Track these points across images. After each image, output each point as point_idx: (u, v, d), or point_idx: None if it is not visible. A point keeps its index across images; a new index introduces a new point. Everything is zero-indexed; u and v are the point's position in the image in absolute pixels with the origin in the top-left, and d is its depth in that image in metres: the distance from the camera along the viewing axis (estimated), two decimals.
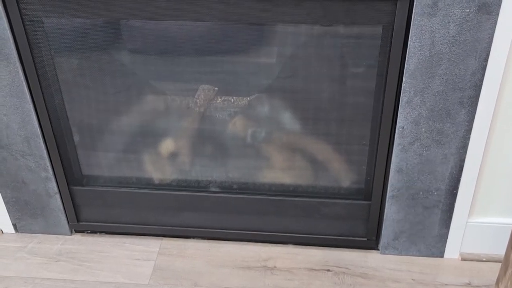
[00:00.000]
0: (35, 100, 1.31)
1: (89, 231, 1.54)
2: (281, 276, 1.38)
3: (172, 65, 1.36)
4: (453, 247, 1.41)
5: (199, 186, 1.47)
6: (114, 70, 1.36)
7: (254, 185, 1.45)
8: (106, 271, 1.41)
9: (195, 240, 1.51)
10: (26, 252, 1.48)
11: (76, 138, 1.41)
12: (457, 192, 1.31)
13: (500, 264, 1.32)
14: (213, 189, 1.46)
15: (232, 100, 1.40)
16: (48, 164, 1.40)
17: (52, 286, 1.37)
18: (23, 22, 1.21)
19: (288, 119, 1.37)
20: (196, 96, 1.39)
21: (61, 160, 1.41)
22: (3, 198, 1.48)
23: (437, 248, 1.41)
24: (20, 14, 1.19)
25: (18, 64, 1.25)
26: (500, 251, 1.38)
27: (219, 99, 1.39)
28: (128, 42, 1.34)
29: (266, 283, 1.36)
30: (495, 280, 1.33)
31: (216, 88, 1.38)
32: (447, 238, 1.39)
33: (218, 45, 1.31)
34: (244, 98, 1.39)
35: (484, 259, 1.41)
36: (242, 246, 1.48)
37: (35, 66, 1.27)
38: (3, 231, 1.55)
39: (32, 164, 1.39)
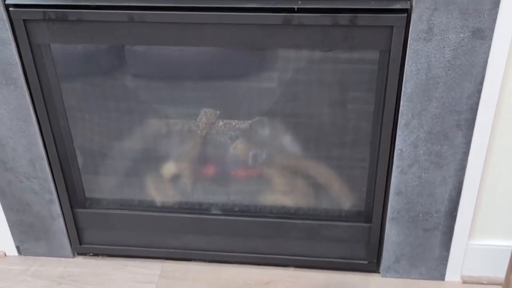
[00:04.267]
0: (41, 123, 1.33)
1: (91, 254, 1.55)
2: None
3: (175, 89, 1.39)
4: (454, 270, 1.40)
5: (200, 209, 1.48)
6: (118, 94, 1.39)
7: (256, 208, 1.46)
8: None
9: (197, 262, 1.51)
10: (29, 275, 1.49)
11: (80, 161, 1.43)
12: (456, 214, 1.31)
13: (501, 287, 1.32)
14: (215, 212, 1.47)
15: (234, 123, 1.42)
16: (52, 186, 1.41)
17: None
18: (31, 48, 1.23)
19: (288, 142, 1.39)
20: (198, 120, 1.41)
21: (65, 183, 1.42)
22: (7, 220, 1.48)
23: (438, 271, 1.41)
24: (29, 40, 1.22)
25: (25, 88, 1.27)
26: (501, 273, 1.36)
27: (221, 123, 1.42)
28: (131, 67, 1.37)
29: None
30: None
31: (217, 112, 1.40)
32: (447, 260, 1.39)
33: (220, 70, 1.34)
34: (245, 122, 1.42)
35: (485, 282, 1.41)
36: (244, 269, 1.48)
37: (41, 90, 1.29)
38: (6, 254, 1.55)
39: (36, 187, 1.41)
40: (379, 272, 1.46)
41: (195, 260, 1.52)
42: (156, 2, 1.14)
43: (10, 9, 1.18)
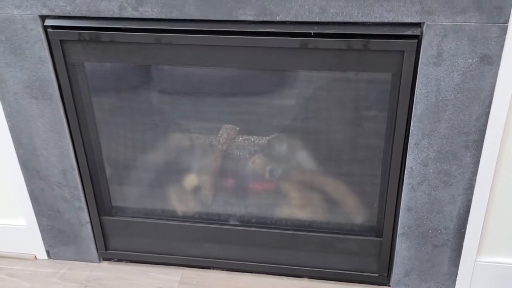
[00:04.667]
0: (73, 136, 1.37)
1: (116, 259, 1.57)
2: None
3: (198, 105, 1.41)
4: (463, 286, 1.40)
5: (219, 219, 1.49)
6: (144, 109, 1.42)
7: (272, 220, 1.48)
8: None
9: (214, 270, 1.53)
10: (58, 278, 1.52)
11: (108, 171, 1.46)
12: (465, 231, 1.32)
13: None
14: (233, 222, 1.48)
15: (253, 139, 1.44)
16: (82, 195, 1.44)
17: None
18: (66, 66, 1.27)
19: (304, 158, 1.41)
20: (219, 135, 1.44)
21: (93, 192, 1.45)
22: (39, 225, 1.52)
23: (447, 286, 1.41)
24: (64, 59, 1.26)
25: (59, 103, 1.31)
26: None
27: (240, 138, 1.44)
28: (158, 83, 1.40)
29: None
30: None
31: (237, 128, 1.43)
32: (456, 276, 1.39)
33: (241, 88, 1.37)
34: (264, 138, 1.44)
35: None
36: (259, 278, 1.49)
37: (74, 105, 1.33)
38: (37, 257, 1.58)
39: (67, 195, 1.44)
40: (389, 285, 1.46)
41: (213, 268, 1.53)
42: (182, 26, 1.18)
43: (48, 30, 1.23)
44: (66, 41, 1.25)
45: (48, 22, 1.22)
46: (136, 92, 1.40)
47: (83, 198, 1.45)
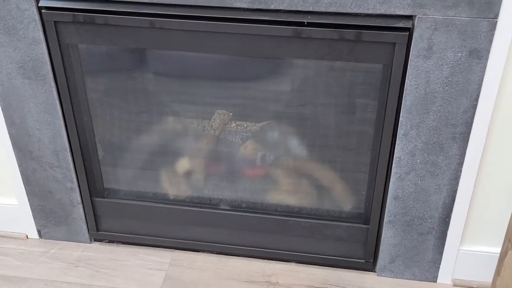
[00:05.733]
0: (65, 117, 1.36)
1: (107, 240, 1.58)
2: None
3: (192, 89, 1.41)
4: (446, 273, 1.42)
5: (210, 203, 1.50)
6: (138, 92, 1.42)
7: (262, 205, 1.49)
8: (120, 278, 1.46)
9: (204, 254, 1.54)
10: (48, 257, 1.53)
11: (100, 153, 1.46)
12: (449, 220, 1.33)
13: None
14: (223, 207, 1.49)
15: (245, 125, 1.45)
16: (74, 176, 1.45)
17: None
18: (60, 47, 1.27)
19: (295, 145, 1.41)
20: (212, 120, 1.44)
21: (85, 173, 1.45)
22: (31, 205, 1.52)
23: (430, 273, 1.43)
24: (58, 40, 1.26)
25: (53, 84, 1.31)
26: (490, 278, 1.38)
27: (233, 124, 1.44)
28: (152, 66, 1.39)
29: None
30: None
31: (231, 113, 1.43)
32: (440, 264, 1.41)
33: (235, 73, 1.37)
34: (256, 124, 1.44)
35: (474, 286, 1.43)
36: (248, 262, 1.51)
37: (68, 86, 1.32)
38: (28, 236, 1.59)
39: (59, 176, 1.45)
40: (374, 271, 1.48)
41: (202, 251, 1.54)
42: (176, 11, 1.17)
43: (43, 11, 1.22)
44: (60, 22, 1.24)
45: (43, 3, 1.21)
46: (130, 75, 1.40)
47: (75, 179, 1.46)
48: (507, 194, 1.29)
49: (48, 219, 1.55)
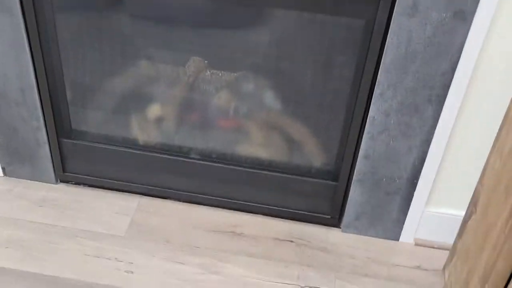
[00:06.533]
0: (33, 54, 1.31)
1: (73, 182, 1.56)
2: (247, 242, 1.43)
3: (168, 34, 1.36)
4: (409, 233, 1.44)
5: (180, 152, 1.48)
6: (112, 32, 1.36)
7: (232, 156, 1.48)
8: (85, 220, 1.45)
9: (171, 201, 1.53)
10: (12, 195, 1.51)
11: (69, 93, 1.42)
12: (417, 182, 1.34)
13: (448, 251, 1.37)
14: (193, 156, 1.48)
15: (220, 74, 1.41)
16: (40, 115, 1.41)
17: (34, 229, 1.41)
18: None
19: (269, 98, 1.39)
20: (186, 66, 1.40)
21: (53, 113, 1.41)
22: None
23: (393, 232, 1.45)
24: None
25: (20, 17, 1.25)
26: (451, 240, 1.39)
27: (208, 72, 1.40)
28: (128, 7, 1.33)
29: (232, 247, 1.41)
30: (443, 266, 1.39)
31: (206, 61, 1.39)
32: (404, 223, 1.42)
33: (213, 20, 1.31)
34: (232, 74, 1.41)
35: (436, 246, 1.45)
36: (215, 211, 1.51)
37: (36, 22, 1.26)
38: None
39: (25, 114, 1.41)
40: (339, 227, 1.49)
41: (170, 198, 1.53)
42: None
43: None
44: None
45: None
46: (104, 13, 1.33)
47: (41, 118, 1.42)
48: (476, 160, 1.28)
49: (13, 156, 1.51)
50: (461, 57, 1.14)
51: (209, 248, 1.40)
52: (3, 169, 1.55)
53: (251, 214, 1.51)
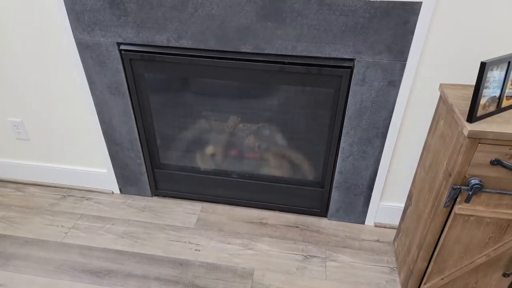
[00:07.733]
0: (136, 119, 1.35)
1: (162, 196, 1.56)
2: (270, 228, 1.41)
3: (216, 102, 1.37)
4: (370, 218, 1.42)
5: (226, 174, 1.48)
6: (183, 103, 1.38)
7: (258, 175, 1.47)
8: (170, 219, 1.45)
9: (222, 205, 1.53)
10: (126, 205, 1.52)
11: (158, 141, 1.44)
12: (373, 187, 1.33)
13: (395, 230, 1.37)
14: (234, 176, 1.48)
15: (248, 125, 1.41)
16: (141, 156, 1.43)
17: (139, 225, 1.42)
18: (133, 75, 1.25)
19: (279, 138, 1.39)
20: (228, 122, 1.41)
21: (149, 153, 1.44)
22: (115, 173, 1.51)
23: (360, 218, 1.43)
24: (132, 71, 1.24)
25: (128, 98, 1.29)
26: (397, 222, 1.41)
27: (241, 125, 1.41)
28: (192, 88, 1.35)
29: (260, 232, 1.40)
30: (393, 239, 1.37)
31: (239, 118, 1.40)
32: (367, 213, 1.40)
33: (243, 94, 1.32)
34: (255, 125, 1.41)
35: (388, 227, 1.43)
36: (248, 210, 1.50)
37: (138, 100, 1.31)
38: (113, 192, 1.58)
39: (132, 155, 1.43)
40: (326, 217, 1.47)
41: (221, 203, 1.53)
42: (206, 53, 1.16)
43: (122, 52, 1.20)
44: (133, 59, 1.23)
45: (122, 47, 1.20)
46: (178, 92, 1.37)
47: (142, 158, 1.44)
48: (409, 171, 1.28)
49: (126, 181, 1.53)
50: (394, 109, 1.15)
51: (245, 233, 1.39)
52: (120, 189, 1.57)
53: (271, 211, 1.50)
